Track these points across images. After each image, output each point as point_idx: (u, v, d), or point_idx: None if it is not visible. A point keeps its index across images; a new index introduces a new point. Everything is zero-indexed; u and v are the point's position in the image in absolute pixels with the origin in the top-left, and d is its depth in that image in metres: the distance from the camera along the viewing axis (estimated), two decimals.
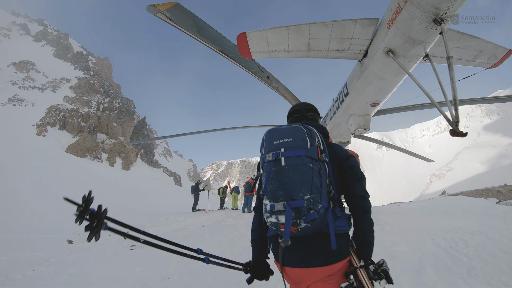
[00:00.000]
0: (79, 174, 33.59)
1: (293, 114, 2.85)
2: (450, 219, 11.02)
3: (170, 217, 16.96)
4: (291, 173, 2.04)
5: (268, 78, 8.94)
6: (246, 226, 11.30)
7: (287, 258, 2.14)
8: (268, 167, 2.15)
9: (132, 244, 8.91)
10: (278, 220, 1.96)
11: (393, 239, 7.47)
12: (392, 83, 6.95)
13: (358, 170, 2.41)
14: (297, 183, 2.00)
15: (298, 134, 2.22)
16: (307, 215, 1.94)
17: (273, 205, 2.00)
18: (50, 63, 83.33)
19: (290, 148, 2.14)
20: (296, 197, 1.96)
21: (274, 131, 2.31)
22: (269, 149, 2.22)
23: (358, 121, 8.85)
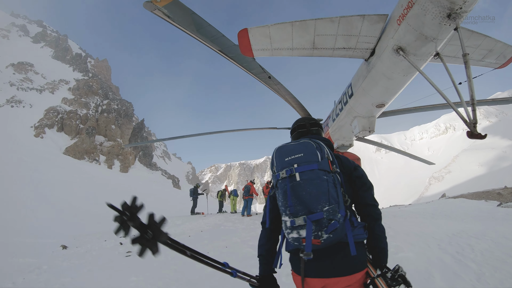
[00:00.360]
0: (77, 177, 33.36)
1: (298, 129, 2.86)
2: (453, 222, 10.74)
3: (168, 221, 16.50)
4: (307, 187, 2.06)
5: (270, 78, 8.64)
6: (246, 231, 11.00)
7: (309, 269, 2.16)
8: (283, 184, 2.16)
9: (128, 250, 8.60)
10: (300, 235, 2.00)
11: (398, 244, 7.18)
12: (400, 83, 6.62)
13: (367, 180, 2.48)
14: (314, 196, 2.04)
15: (308, 148, 2.26)
16: (328, 226, 1.98)
17: (293, 220, 2.02)
18: (48, 64, 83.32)
19: (302, 163, 2.17)
20: (315, 210, 2.00)
21: (283, 148, 2.34)
22: (281, 166, 2.24)
23: (363, 123, 8.55)
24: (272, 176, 2.33)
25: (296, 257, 2.28)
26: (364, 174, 2.49)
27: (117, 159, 56.30)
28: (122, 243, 9.84)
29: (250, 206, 17.97)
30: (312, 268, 2.16)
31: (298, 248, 2.15)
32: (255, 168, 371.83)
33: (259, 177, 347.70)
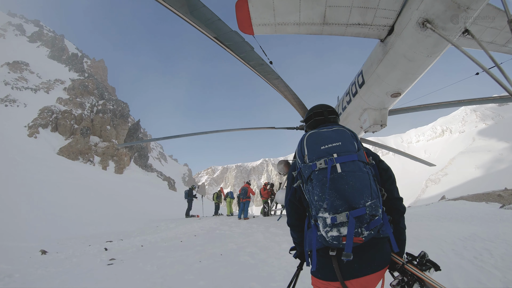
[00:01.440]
0: (70, 178, 32.47)
1: (315, 117, 2.66)
2: (461, 225, 10.65)
3: (161, 224, 16.01)
4: (350, 180, 1.95)
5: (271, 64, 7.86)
6: (243, 236, 10.24)
7: (348, 270, 2.02)
8: (321, 176, 2.01)
9: (111, 257, 7.81)
10: (340, 233, 1.90)
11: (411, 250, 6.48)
12: (422, 66, 5.73)
13: (392, 173, 2.37)
14: (357, 190, 1.93)
15: (345, 137, 2.17)
16: (370, 222, 1.92)
17: (334, 217, 1.90)
18: (44, 64, 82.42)
19: (342, 153, 2.07)
20: (358, 205, 1.92)
21: (317, 135, 2.22)
22: (317, 155, 2.10)
23: (374, 116, 7.66)
24: (302, 166, 2.16)
25: (325, 258, 2.10)
26: (389, 167, 2.38)
27: (112, 160, 55.59)
28: (107, 249, 9.04)
29: (247, 209, 17.30)
30: (353, 267, 2.02)
31: (331, 246, 2.03)
32: (252, 171, 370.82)
33: (255, 179, 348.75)
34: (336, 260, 2.02)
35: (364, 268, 2.02)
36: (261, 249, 8.07)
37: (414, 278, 2.04)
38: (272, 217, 17.03)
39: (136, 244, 9.69)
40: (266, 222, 14.03)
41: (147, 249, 8.79)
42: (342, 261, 2.01)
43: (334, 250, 2.02)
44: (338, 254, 2.02)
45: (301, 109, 12.34)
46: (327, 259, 2.08)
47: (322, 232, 1.96)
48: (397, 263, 2.16)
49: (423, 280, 2.01)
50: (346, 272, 2.01)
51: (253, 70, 8.18)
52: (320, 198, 1.98)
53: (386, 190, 2.28)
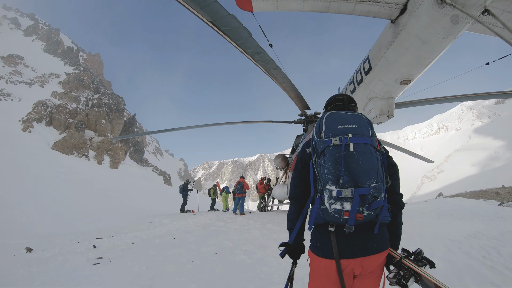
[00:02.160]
0: (64, 172, 32.12)
1: (335, 102, 2.73)
2: (463, 222, 10.62)
3: (155, 219, 15.52)
4: (360, 160, 2.08)
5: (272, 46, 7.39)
6: (239, 233, 9.82)
7: (346, 249, 2.13)
8: (334, 152, 2.12)
9: (99, 256, 7.30)
10: (343, 207, 2.01)
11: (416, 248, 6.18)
12: (437, 49, 5.21)
13: (398, 169, 2.50)
14: (365, 171, 2.06)
15: (362, 121, 2.27)
16: (372, 203, 2.04)
17: (340, 191, 2.01)
18: (39, 58, 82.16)
19: (356, 135, 2.17)
20: (363, 185, 2.03)
21: (336, 115, 2.31)
22: (333, 132, 2.20)
23: (381, 105, 7.11)
24: (317, 141, 2.25)
25: (324, 233, 2.21)
26: (396, 164, 2.49)
27: (107, 154, 55.02)
28: (95, 246, 8.57)
29: (243, 204, 17.07)
30: (350, 247, 2.13)
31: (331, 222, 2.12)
32: (248, 166, 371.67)
33: (251, 174, 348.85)
34: (335, 236, 2.13)
35: (362, 249, 2.13)
36: (258, 247, 7.64)
37: (411, 272, 2.12)
38: (269, 213, 16.65)
39: (126, 241, 9.23)
40: (263, 218, 13.69)
41: (137, 247, 8.33)
42: (341, 239, 2.13)
43: (333, 226, 2.12)
44: (336, 231, 2.13)
45: (300, 102, 11.94)
46: (327, 237, 2.17)
47: (326, 204, 2.06)
48: (395, 257, 2.27)
49: (419, 275, 2.09)
50: (344, 250, 2.11)
51: (250, 59, 7.77)
52: (330, 172, 2.08)
53: (390, 184, 2.38)
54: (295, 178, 2.55)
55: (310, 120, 15.00)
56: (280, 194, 16.21)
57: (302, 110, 13.47)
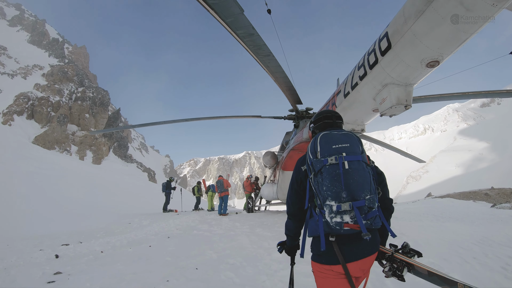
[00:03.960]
0: (43, 168, 30.78)
1: (324, 119, 2.91)
2: (466, 226, 10.34)
3: (134, 219, 14.44)
4: (355, 176, 2.29)
5: (270, 12, 6.46)
6: (224, 240, 8.75)
7: (348, 254, 2.30)
8: (331, 170, 2.31)
9: (57, 271, 6.04)
10: (343, 220, 2.21)
11: (432, 261, 5.97)
12: (481, 19, 4.05)
13: (385, 177, 2.76)
14: (360, 185, 2.28)
15: (353, 140, 2.48)
16: (368, 213, 2.26)
17: (339, 205, 2.21)
18: (23, 49, 79.71)
19: (350, 153, 2.38)
20: (359, 198, 2.25)
21: (329, 136, 2.51)
22: (328, 152, 2.40)
23: (398, 93, 5.88)
24: (314, 160, 2.43)
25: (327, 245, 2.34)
26: (383, 172, 2.76)
27: (89, 149, 53.42)
28: (58, 256, 7.36)
29: (226, 204, 16.23)
30: (351, 252, 2.31)
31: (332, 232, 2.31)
32: (234, 163, 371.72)
33: (238, 172, 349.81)
34: (337, 245, 2.30)
35: (361, 251, 2.33)
36: (247, 259, 6.57)
37: (403, 263, 2.34)
38: (257, 214, 15.77)
39: (95, 249, 7.99)
40: (250, 220, 12.83)
41: (106, 258, 7.20)
42: (342, 246, 2.31)
43: (334, 236, 2.31)
44: (337, 240, 2.32)
45: (291, 95, 11.18)
46: (328, 245, 2.33)
47: (327, 218, 2.26)
48: (386, 252, 2.48)
49: (411, 265, 2.33)
50: (347, 255, 2.29)
51: (241, 43, 6.82)
52: (329, 189, 2.26)
53: (380, 192, 2.61)
54: (292, 196, 2.71)
55: (302, 116, 14.39)
56: (269, 194, 15.28)
57: (294, 105, 12.78)
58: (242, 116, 15.52)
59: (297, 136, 13.36)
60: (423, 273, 2.25)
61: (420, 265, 2.27)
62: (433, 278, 2.21)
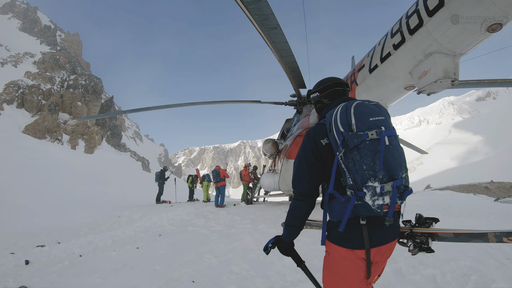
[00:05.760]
0: (33, 158, 29.71)
1: (334, 86, 2.60)
2: (481, 222, 9.65)
3: (125, 213, 13.38)
4: (394, 153, 2.08)
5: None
6: (225, 239, 7.59)
7: (375, 238, 2.13)
8: (372, 146, 2.04)
9: (20, 285, 4.74)
10: (384, 201, 2.00)
11: (468, 264, 5.18)
12: None
13: None
14: (398, 163, 2.08)
15: (385, 112, 2.25)
16: (403, 192, 2.08)
17: (382, 186, 1.99)
18: (14, 36, 78.28)
19: (387, 127, 2.14)
20: (397, 176, 2.05)
21: (364, 107, 2.21)
22: (367, 125, 2.11)
23: (445, 65, 4.66)
24: (348, 134, 2.08)
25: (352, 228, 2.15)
26: None
27: (82, 139, 52.19)
28: (28, 262, 6.02)
29: (223, 195, 15.54)
30: (378, 236, 2.14)
31: (367, 215, 2.08)
32: (229, 152, 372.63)
33: (233, 161, 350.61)
34: (366, 229, 2.10)
35: (387, 236, 2.16)
36: (255, 266, 5.37)
37: (425, 235, 2.24)
38: (257, 206, 14.88)
39: (73, 252, 6.74)
40: (250, 213, 11.93)
41: (83, 264, 5.99)
42: (371, 229, 2.11)
43: (364, 219, 2.10)
44: (367, 223, 2.11)
45: (295, 78, 10.41)
46: (355, 228, 2.14)
47: (369, 201, 1.99)
48: (404, 231, 2.36)
49: (434, 234, 2.23)
50: (373, 240, 2.11)
51: (244, 11, 6.02)
52: (371, 168, 1.99)
53: None
54: (306, 172, 2.35)
55: (304, 102, 13.58)
56: (270, 184, 14.26)
57: (296, 89, 12.06)
58: (241, 101, 14.39)
59: (301, 122, 12.62)
60: (449, 237, 2.21)
61: (443, 231, 2.23)
62: (460, 237, 2.18)
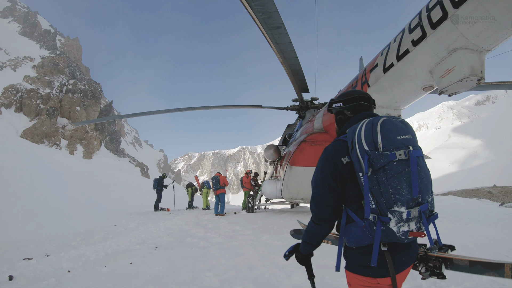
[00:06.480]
0: (30, 163, 29.11)
1: (360, 100, 2.37)
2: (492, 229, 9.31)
3: (121, 221, 12.89)
4: (422, 176, 1.93)
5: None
6: (226, 253, 6.99)
7: (398, 264, 1.99)
8: (400, 168, 1.86)
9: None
10: (409, 228, 1.86)
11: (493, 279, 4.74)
12: None
13: None
14: (425, 186, 1.94)
15: (412, 131, 2.10)
16: (429, 218, 1.96)
17: (409, 212, 1.85)
18: (14, 40, 79.22)
19: (415, 147, 1.97)
20: (424, 201, 1.92)
21: (391, 124, 2.01)
22: (394, 145, 1.92)
23: (472, 62, 4.13)
24: (374, 154, 1.88)
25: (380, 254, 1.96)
26: None
27: (80, 144, 52.15)
28: (12, 277, 5.47)
29: (223, 203, 15.13)
30: (400, 261, 2.00)
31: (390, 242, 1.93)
32: (229, 158, 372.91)
33: (232, 167, 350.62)
34: (389, 255, 1.94)
35: (408, 260, 2.05)
36: (260, 285, 4.82)
37: (440, 260, 2.15)
38: (258, 215, 14.41)
39: (61, 267, 6.16)
40: (252, 223, 11.50)
41: (70, 282, 5.44)
42: (394, 256, 1.96)
43: (386, 245, 1.93)
44: (389, 249, 1.95)
45: (298, 82, 10.20)
46: (379, 255, 1.95)
47: (394, 227, 1.84)
48: (419, 253, 2.23)
49: (449, 259, 2.16)
50: (397, 266, 1.97)
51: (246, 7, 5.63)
52: (398, 192, 1.82)
53: None
54: (323, 195, 2.15)
55: (306, 107, 13.38)
56: (272, 192, 13.80)
57: (299, 93, 11.85)
58: (242, 105, 14.34)
59: (305, 127, 12.17)
60: (464, 265, 2.11)
61: (459, 257, 2.13)
62: (475, 267, 2.08)
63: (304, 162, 10.66)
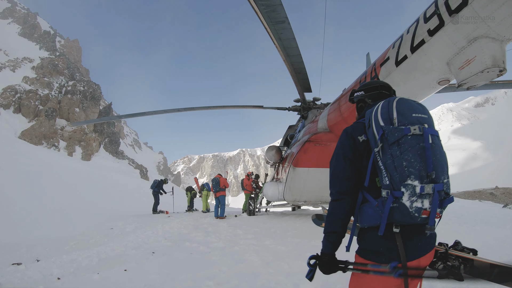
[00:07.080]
0: (28, 165, 28.71)
1: (381, 89, 2.44)
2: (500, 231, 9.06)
3: (118, 224, 12.52)
4: (437, 153, 1.90)
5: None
6: (227, 260, 6.56)
7: (412, 250, 1.92)
8: (414, 142, 1.86)
9: None
10: (423, 205, 1.80)
11: None
12: None
13: None
14: (441, 165, 1.89)
15: (428, 113, 2.08)
16: (444, 200, 1.90)
17: (423, 187, 1.79)
18: (13, 41, 79.71)
19: (430, 126, 1.97)
20: (438, 180, 1.85)
21: (406, 102, 2.06)
22: (409, 120, 1.94)
23: (493, 51, 3.81)
24: (389, 128, 1.91)
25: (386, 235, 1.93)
26: None
27: (79, 145, 51.96)
28: None
29: (223, 205, 14.89)
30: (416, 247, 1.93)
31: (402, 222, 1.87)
32: (229, 160, 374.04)
33: (232, 169, 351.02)
34: (401, 238, 1.89)
35: (424, 247, 1.96)
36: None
37: (460, 261, 2.13)
38: (259, 218, 14.05)
39: (51, 274, 5.72)
40: (253, 226, 11.12)
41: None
42: (406, 240, 1.90)
43: (398, 226, 1.89)
44: (401, 232, 1.90)
45: (301, 81, 9.94)
46: (388, 240, 1.94)
47: (406, 202, 1.79)
48: (439, 250, 2.26)
49: (469, 261, 2.23)
50: (410, 252, 1.90)
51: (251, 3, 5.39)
52: (411, 164, 1.81)
53: None
54: (345, 169, 2.15)
55: (309, 107, 13.16)
56: (274, 194, 13.41)
57: (301, 93, 11.62)
58: (242, 106, 14.09)
59: (308, 127, 12.01)
60: (483, 269, 2.09)
61: (480, 259, 2.14)
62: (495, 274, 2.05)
63: (308, 163, 10.37)
